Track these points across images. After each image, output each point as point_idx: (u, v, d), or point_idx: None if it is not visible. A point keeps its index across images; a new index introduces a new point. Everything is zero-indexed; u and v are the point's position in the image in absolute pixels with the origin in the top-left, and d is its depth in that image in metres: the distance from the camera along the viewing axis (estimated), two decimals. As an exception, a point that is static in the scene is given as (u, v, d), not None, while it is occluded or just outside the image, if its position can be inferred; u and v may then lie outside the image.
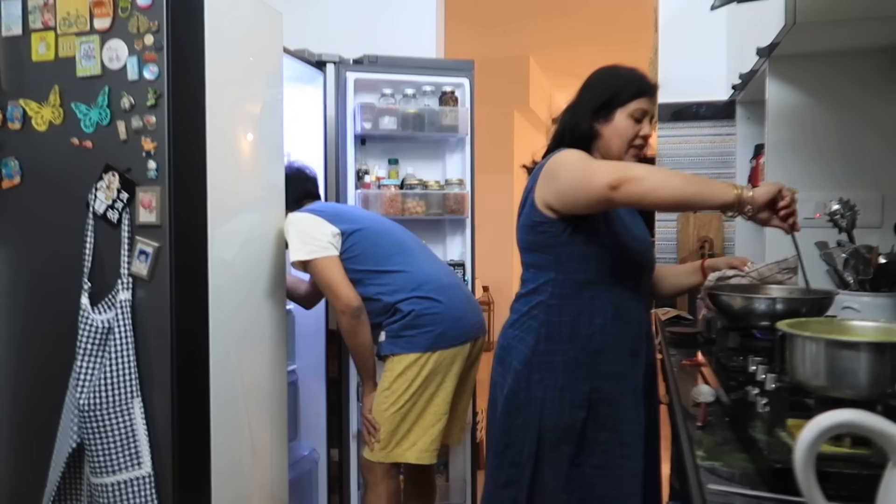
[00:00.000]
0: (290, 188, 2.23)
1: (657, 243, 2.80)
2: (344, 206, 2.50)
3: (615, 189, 1.31)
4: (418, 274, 2.13)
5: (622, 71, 1.58)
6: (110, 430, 1.69)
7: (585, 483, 1.48)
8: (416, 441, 2.08)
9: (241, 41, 1.98)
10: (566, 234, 1.49)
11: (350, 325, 2.07)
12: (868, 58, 1.84)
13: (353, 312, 2.06)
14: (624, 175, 1.32)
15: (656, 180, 1.31)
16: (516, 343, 1.53)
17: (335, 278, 2.08)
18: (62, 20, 1.80)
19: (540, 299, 1.52)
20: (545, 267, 1.53)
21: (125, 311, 1.72)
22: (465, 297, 2.24)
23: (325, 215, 2.16)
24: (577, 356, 1.47)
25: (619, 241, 1.53)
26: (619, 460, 1.49)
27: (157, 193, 1.72)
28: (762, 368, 1.22)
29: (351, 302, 2.06)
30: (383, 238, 2.18)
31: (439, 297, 2.10)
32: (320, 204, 2.36)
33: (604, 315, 1.49)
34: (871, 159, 1.87)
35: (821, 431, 0.66)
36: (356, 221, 2.19)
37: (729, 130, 2.72)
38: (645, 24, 3.69)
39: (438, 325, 2.07)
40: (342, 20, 3.13)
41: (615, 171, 1.34)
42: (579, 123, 1.56)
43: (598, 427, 1.49)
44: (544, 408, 1.47)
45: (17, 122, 1.85)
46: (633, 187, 1.30)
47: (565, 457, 1.47)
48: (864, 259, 1.57)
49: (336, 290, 2.07)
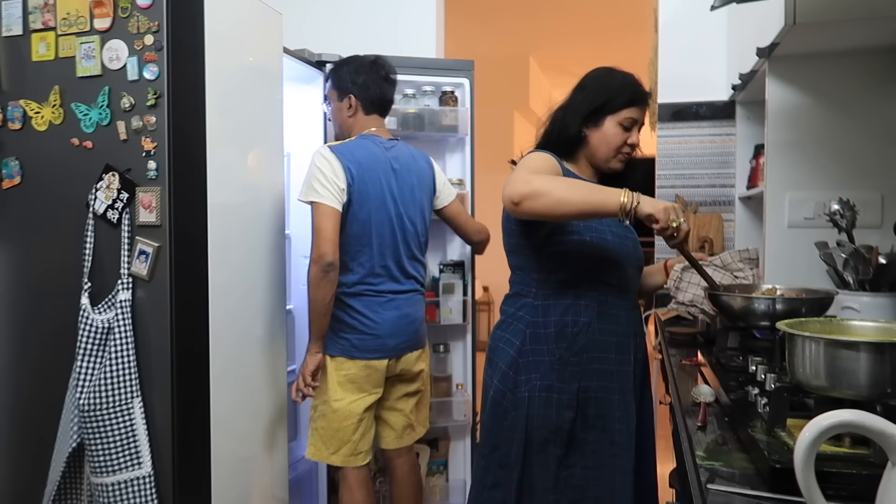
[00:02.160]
0: (368, 89, 2.14)
1: (657, 243, 2.80)
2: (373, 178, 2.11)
3: (517, 204, 1.34)
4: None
5: (617, 77, 1.58)
6: (110, 430, 1.69)
7: (577, 484, 1.48)
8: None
9: (241, 41, 1.98)
10: (542, 235, 1.49)
11: (315, 275, 1.98)
12: (868, 58, 1.84)
13: (324, 266, 1.97)
14: (525, 190, 1.33)
15: (559, 196, 1.32)
16: (502, 344, 1.54)
17: (325, 227, 1.99)
18: (62, 20, 1.80)
19: (525, 300, 1.53)
20: (528, 268, 1.54)
21: (125, 311, 1.72)
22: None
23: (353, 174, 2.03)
24: (564, 355, 1.48)
25: (598, 238, 1.53)
26: (610, 459, 1.49)
27: (157, 193, 1.72)
28: (762, 368, 1.22)
29: (326, 254, 1.97)
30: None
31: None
32: (366, 153, 2.09)
33: (589, 314, 1.50)
34: (871, 159, 1.87)
35: (821, 431, 0.66)
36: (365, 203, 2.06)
37: (729, 130, 2.72)
38: (645, 24, 3.69)
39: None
40: (342, 20, 3.13)
41: (526, 183, 1.35)
42: (569, 127, 1.57)
43: (588, 427, 1.49)
44: (531, 408, 1.47)
45: (18, 122, 1.85)
46: (534, 203, 1.32)
47: (553, 458, 1.47)
48: (864, 259, 1.57)
49: (319, 238, 1.99)
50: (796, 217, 1.92)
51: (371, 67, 2.18)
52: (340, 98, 2.19)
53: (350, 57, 2.25)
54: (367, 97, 2.17)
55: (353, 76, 2.16)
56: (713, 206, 2.75)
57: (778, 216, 1.92)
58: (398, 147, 2.18)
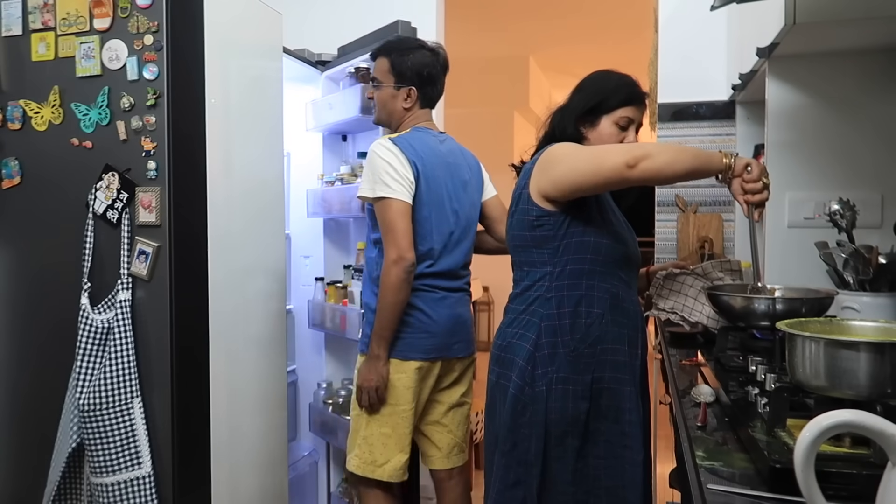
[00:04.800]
0: (435, 85, 2.01)
1: (657, 243, 2.80)
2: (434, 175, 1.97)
3: (632, 167, 1.37)
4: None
5: (613, 77, 1.61)
6: (110, 430, 1.69)
7: (590, 474, 1.50)
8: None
9: (241, 41, 1.98)
10: (564, 226, 1.50)
11: (398, 277, 1.83)
12: (868, 58, 1.84)
13: (406, 268, 1.84)
14: (638, 153, 1.37)
15: (668, 157, 1.38)
16: (517, 340, 1.54)
17: (401, 224, 1.85)
18: (62, 20, 1.80)
19: (537, 294, 1.53)
20: (541, 262, 1.54)
21: (125, 311, 1.72)
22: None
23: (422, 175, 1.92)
24: (578, 347, 1.49)
25: (612, 231, 1.55)
26: (621, 450, 1.51)
27: (157, 193, 1.72)
28: (762, 368, 1.22)
29: (406, 255, 1.83)
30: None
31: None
32: (426, 146, 1.96)
33: (602, 305, 1.51)
34: (871, 159, 1.86)
35: (821, 431, 0.66)
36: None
37: (729, 130, 2.72)
38: (645, 24, 3.69)
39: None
40: (342, 20, 3.13)
41: (629, 150, 1.40)
42: (566, 126, 1.59)
43: (600, 417, 1.50)
44: (549, 401, 1.48)
45: (17, 122, 1.85)
46: (649, 164, 1.36)
47: (572, 450, 1.48)
48: (864, 259, 1.57)
49: (395, 237, 1.84)
50: (796, 217, 1.92)
51: (437, 61, 2.03)
52: (399, 86, 2.00)
53: (409, 40, 2.09)
54: (429, 93, 2.03)
55: (420, 68, 1.99)
56: (713, 206, 2.75)
57: (778, 216, 1.92)
58: (449, 141, 2.07)
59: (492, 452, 1.59)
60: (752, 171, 1.36)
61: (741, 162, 1.37)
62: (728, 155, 1.38)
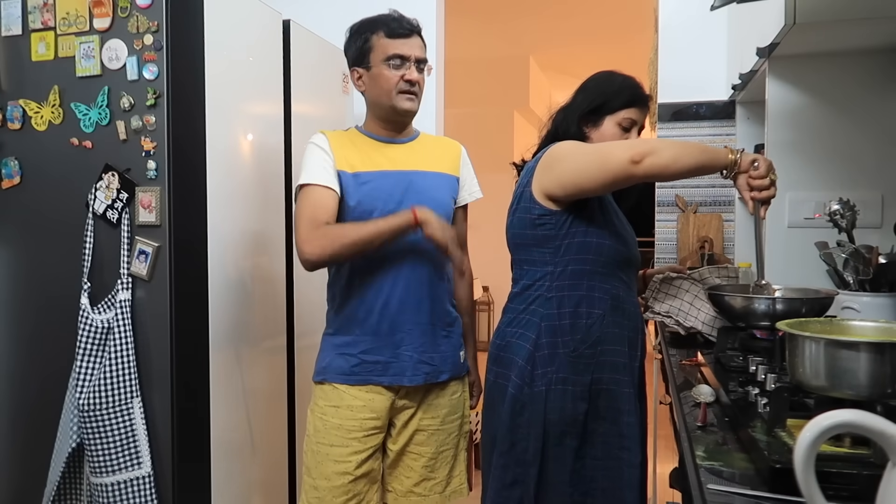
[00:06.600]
0: None
1: (657, 243, 2.80)
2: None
3: (638, 163, 1.36)
4: None
5: (617, 78, 1.61)
6: (110, 430, 1.69)
7: (588, 475, 1.49)
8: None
9: (241, 41, 1.98)
10: (566, 226, 1.50)
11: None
12: (868, 58, 1.84)
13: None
14: (644, 149, 1.37)
15: (674, 152, 1.38)
16: (516, 339, 1.53)
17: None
18: (62, 20, 1.79)
19: (537, 294, 1.53)
20: (541, 262, 1.54)
21: (125, 311, 1.72)
22: None
23: None
24: (578, 347, 1.49)
25: (614, 232, 1.55)
26: (618, 452, 1.50)
27: (157, 193, 1.72)
28: (762, 368, 1.22)
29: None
30: None
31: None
32: None
33: (603, 306, 1.51)
34: (871, 159, 1.86)
35: (821, 431, 0.66)
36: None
37: (729, 130, 2.72)
38: (645, 24, 3.69)
39: None
40: (342, 20, 3.13)
41: (633, 146, 1.39)
42: (569, 126, 1.59)
43: (598, 418, 1.50)
44: (548, 402, 1.48)
45: (17, 122, 1.85)
46: (654, 160, 1.36)
47: (570, 450, 1.48)
48: (864, 259, 1.57)
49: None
50: (796, 217, 1.92)
51: None
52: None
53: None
54: None
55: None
56: (713, 206, 2.75)
57: (778, 216, 1.92)
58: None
59: (489, 452, 1.59)
60: (758, 166, 1.36)
61: (748, 158, 1.37)
62: (734, 151, 1.38)
